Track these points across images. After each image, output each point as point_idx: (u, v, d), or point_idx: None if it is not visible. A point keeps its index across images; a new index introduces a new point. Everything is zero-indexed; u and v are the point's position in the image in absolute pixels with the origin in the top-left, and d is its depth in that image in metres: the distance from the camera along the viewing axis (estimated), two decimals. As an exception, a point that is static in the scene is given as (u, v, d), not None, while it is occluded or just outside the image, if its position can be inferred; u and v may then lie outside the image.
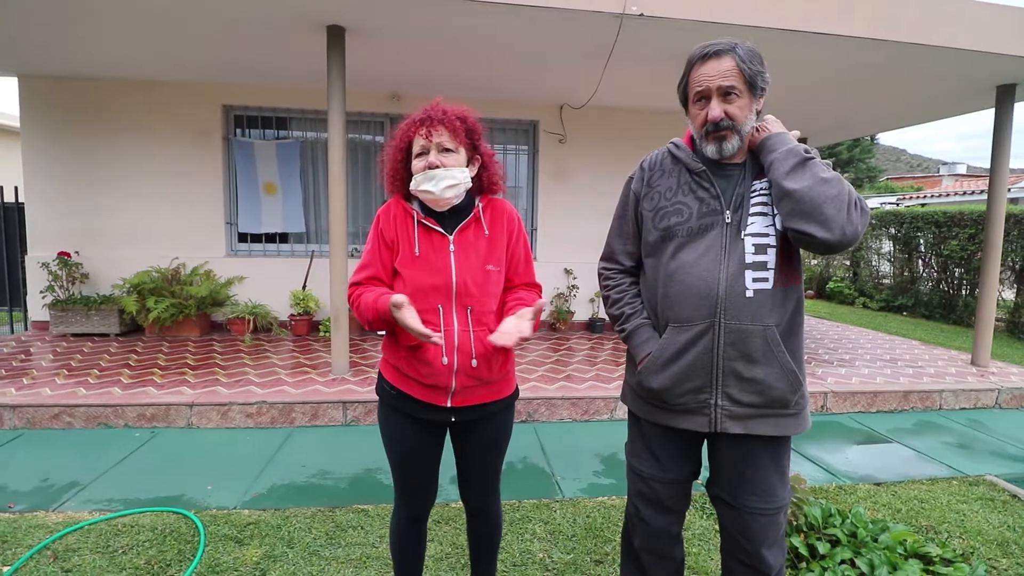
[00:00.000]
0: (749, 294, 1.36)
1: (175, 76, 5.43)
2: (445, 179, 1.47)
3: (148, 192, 5.68)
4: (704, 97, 1.40)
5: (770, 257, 1.37)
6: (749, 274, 1.36)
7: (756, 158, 1.43)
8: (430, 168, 1.47)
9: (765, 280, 1.37)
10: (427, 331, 1.35)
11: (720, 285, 1.37)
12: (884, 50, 4.11)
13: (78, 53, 4.73)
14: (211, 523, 2.39)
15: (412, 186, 1.51)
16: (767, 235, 1.38)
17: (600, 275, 1.68)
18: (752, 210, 1.39)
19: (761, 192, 1.41)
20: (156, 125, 5.63)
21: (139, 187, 5.66)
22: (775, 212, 1.38)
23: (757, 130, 1.43)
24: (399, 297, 1.36)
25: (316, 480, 2.87)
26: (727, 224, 1.39)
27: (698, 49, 1.42)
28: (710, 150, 1.42)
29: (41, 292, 5.36)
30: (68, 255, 5.45)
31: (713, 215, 1.41)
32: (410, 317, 1.36)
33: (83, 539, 2.25)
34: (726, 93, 1.37)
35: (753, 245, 1.37)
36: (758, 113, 1.43)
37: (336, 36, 3.96)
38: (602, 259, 1.68)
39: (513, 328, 1.44)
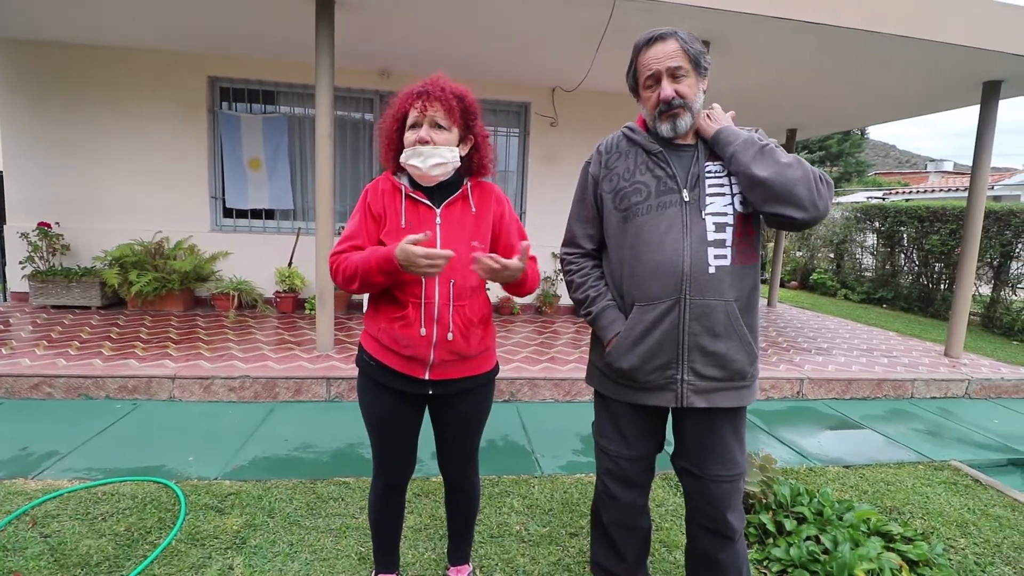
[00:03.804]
0: (711, 270, 1.42)
1: (160, 45, 5.30)
2: (433, 157, 1.48)
3: (131, 164, 5.58)
4: (655, 79, 1.46)
5: (728, 235, 1.44)
6: (711, 251, 1.42)
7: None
8: (420, 143, 1.48)
9: (724, 257, 1.43)
10: (440, 251, 1.36)
11: (685, 262, 1.42)
12: (874, 42, 4.13)
13: (60, 17, 4.60)
14: (192, 493, 2.40)
15: (402, 159, 1.52)
16: (725, 214, 1.44)
17: (562, 260, 1.71)
18: (709, 190, 1.45)
19: (716, 174, 1.47)
20: (140, 95, 5.51)
21: (122, 158, 5.56)
22: (733, 192, 1.44)
23: (708, 117, 1.50)
24: (411, 236, 1.36)
25: (298, 453, 2.89)
26: (685, 202, 1.45)
27: (642, 36, 1.48)
28: (665, 129, 1.47)
29: (20, 263, 5.28)
30: (48, 226, 5.35)
31: (670, 193, 1.46)
32: (420, 249, 1.35)
33: (62, 506, 2.26)
34: (674, 74, 1.43)
35: (713, 223, 1.43)
36: (704, 93, 1.49)
37: (325, 8, 3.89)
38: (563, 245, 1.72)
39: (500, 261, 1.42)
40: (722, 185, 1.46)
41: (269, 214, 6.01)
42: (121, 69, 5.45)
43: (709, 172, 1.47)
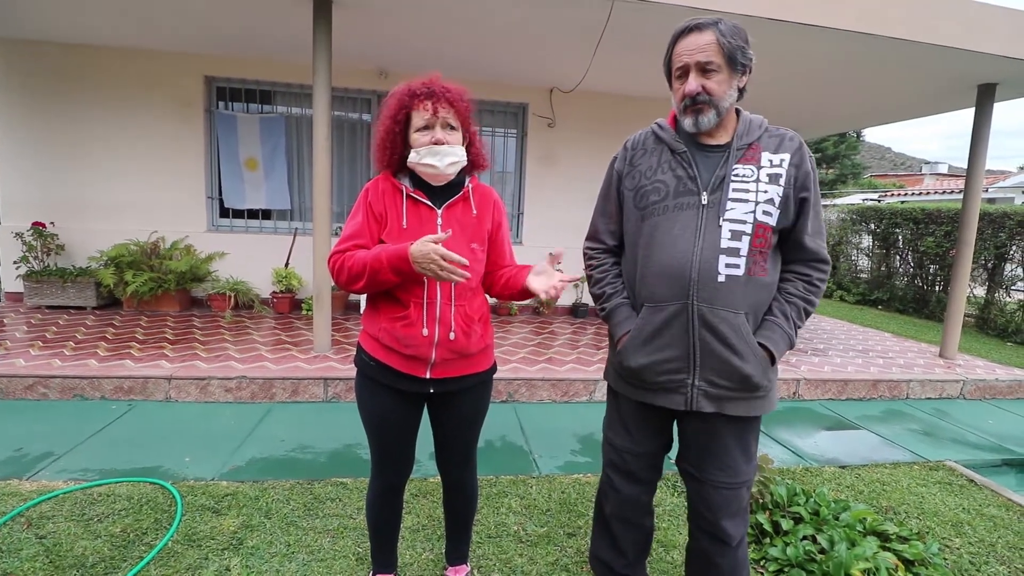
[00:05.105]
0: (721, 279, 1.38)
1: (157, 45, 5.28)
2: (449, 156, 1.50)
3: (127, 163, 5.55)
4: (684, 72, 1.41)
5: (743, 244, 1.38)
6: (723, 259, 1.38)
7: (741, 140, 1.43)
8: (436, 144, 1.48)
9: (737, 267, 1.38)
10: (456, 256, 1.36)
11: (693, 267, 1.39)
12: (871, 45, 4.15)
13: (56, 16, 4.57)
14: (188, 494, 2.39)
15: (413, 159, 1.51)
16: (744, 222, 1.38)
17: (585, 254, 1.72)
18: (732, 195, 1.39)
19: (743, 179, 1.39)
20: (137, 95, 5.48)
21: (118, 158, 5.53)
22: (758, 200, 1.38)
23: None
24: (431, 236, 1.37)
25: (295, 454, 2.88)
26: (703, 206, 1.40)
27: (681, 23, 1.43)
28: (687, 123, 1.44)
29: (15, 263, 5.24)
30: (43, 225, 5.32)
31: (689, 195, 1.42)
32: (440, 248, 1.36)
33: (57, 507, 2.25)
34: (704, 68, 1.38)
35: (730, 231, 1.38)
36: (740, 91, 1.44)
37: (323, 7, 3.88)
38: (587, 238, 1.72)
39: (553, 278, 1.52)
40: (747, 191, 1.39)
41: (266, 214, 5.99)
42: (117, 69, 5.42)
43: (736, 176, 1.40)
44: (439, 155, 1.49)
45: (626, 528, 1.68)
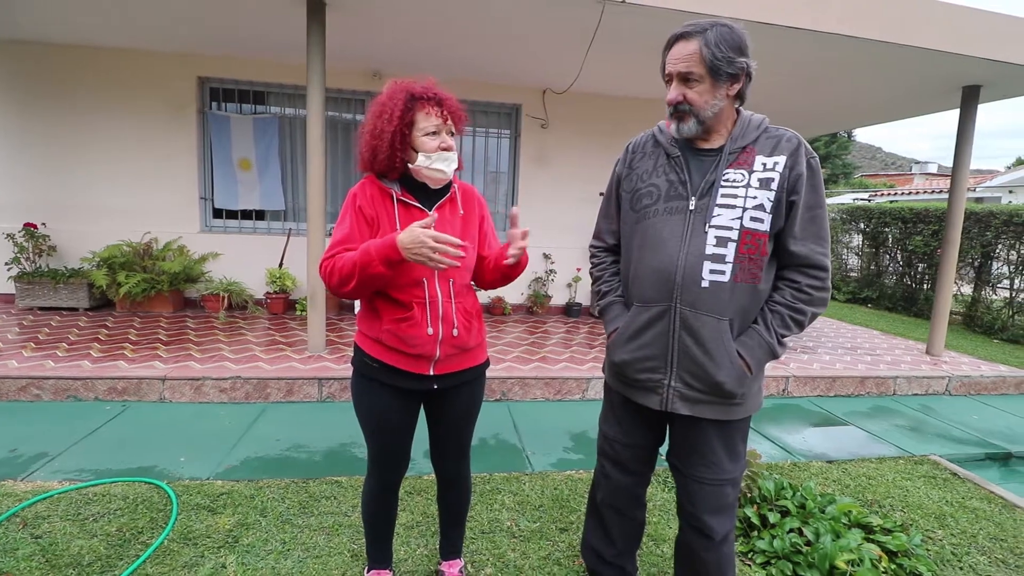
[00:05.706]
0: (704, 284, 1.40)
1: (149, 45, 5.27)
2: (453, 162, 1.56)
3: (120, 164, 5.53)
4: (671, 80, 1.45)
5: (729, 251, 1.38)
6: (707, 264, 1.39)
7: (735, 143, 1.43)
8: (445, 149, 1.53)
9: (722, 273, 1.39)
10: (447, 236, 1.37)
11: (677, 271, 1.42)
12: (856, 47, 4.21)
13: (46, 16, 4.56)
14: (183, 493, 2.41)
15: (422, 162, 1.53)
16: (730, 228, 1.38)
17: (589, 252, 1.79)
18: (719, 200, 1.39)
19: (732, 184, 1.39)
20: (129, 95, 5.47)
21: (110, 159, 5.51)
22: (745, 207, 1.38)
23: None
24: (418, 221, 1.37)
25: (290, 453, 2.90)
26: (691, 211, 1.42)
27: (676, 29, 1.45)
28: (672, 128, 1.48)
29: (6, 264, 5.22)
30: (35, 226, 5.29)
31: (678, 199, 1.45)
32: (429, 232, 1.36)
33: (53, 507, 2.26)
34: (686, 78, 1.40)
35: (715, 237, 1.39)
36: (738, 97, 1.43)
37: (316, 10, 3.90)
38: (592, 237, 1.79)
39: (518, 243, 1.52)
40: (735, 197, 1.38)
41: (259, 215, 5.99)
42: (110, 69, 5.40)
43: (726, 181, 1.40)
44: (448, 160, 1.54)
45: (617, 517, 1.73)
